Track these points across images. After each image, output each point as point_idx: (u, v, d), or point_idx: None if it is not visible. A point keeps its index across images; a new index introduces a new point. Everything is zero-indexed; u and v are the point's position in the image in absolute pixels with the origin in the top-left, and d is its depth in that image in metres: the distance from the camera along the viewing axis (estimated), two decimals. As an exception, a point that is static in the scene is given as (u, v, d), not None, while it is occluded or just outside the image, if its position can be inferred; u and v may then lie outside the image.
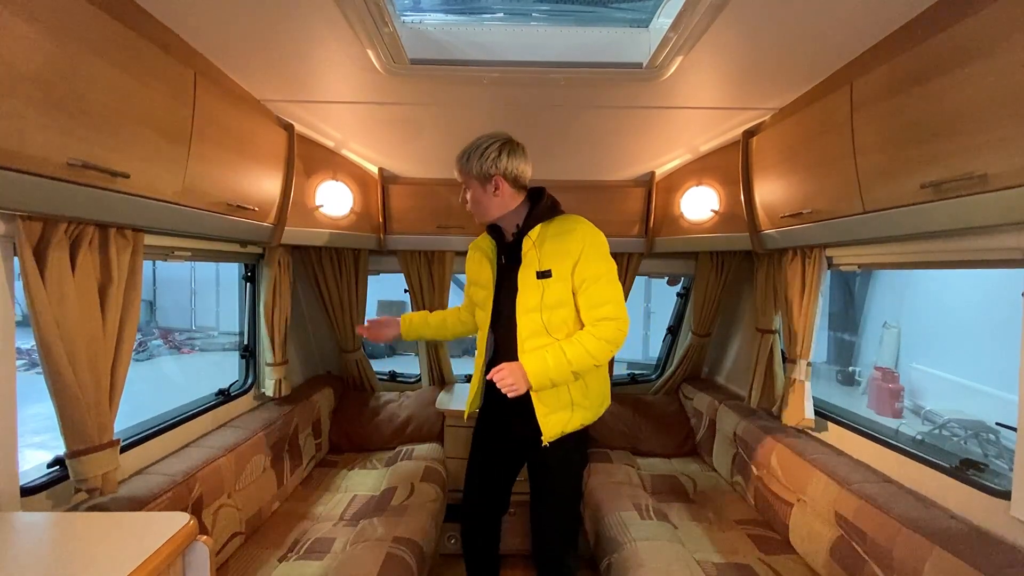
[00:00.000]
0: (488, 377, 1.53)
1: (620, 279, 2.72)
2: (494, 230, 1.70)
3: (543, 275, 1.52)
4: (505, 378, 1.48)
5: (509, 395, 1.49)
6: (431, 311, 2.02)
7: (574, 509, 1.74)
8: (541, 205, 1.61)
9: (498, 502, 1.84)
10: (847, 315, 8.20)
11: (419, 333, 1.91)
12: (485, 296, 1.67)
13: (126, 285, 1.41)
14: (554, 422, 1.55)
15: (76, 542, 1.04)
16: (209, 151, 1.58)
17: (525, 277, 1.55)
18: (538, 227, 1.57)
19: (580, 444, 1.69)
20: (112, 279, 1.36)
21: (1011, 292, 1.36)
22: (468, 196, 1.63)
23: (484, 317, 1.68)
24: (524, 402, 1.54)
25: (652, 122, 2.08)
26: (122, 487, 1.49)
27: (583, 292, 1.52)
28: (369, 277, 2.92)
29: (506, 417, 1.67)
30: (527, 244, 1.57)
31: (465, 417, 1.83)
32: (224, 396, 2.27)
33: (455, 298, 2.36)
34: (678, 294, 3.18)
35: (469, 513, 1.86)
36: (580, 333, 1.53)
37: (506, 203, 1.60)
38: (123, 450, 1.57)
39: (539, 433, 1.55)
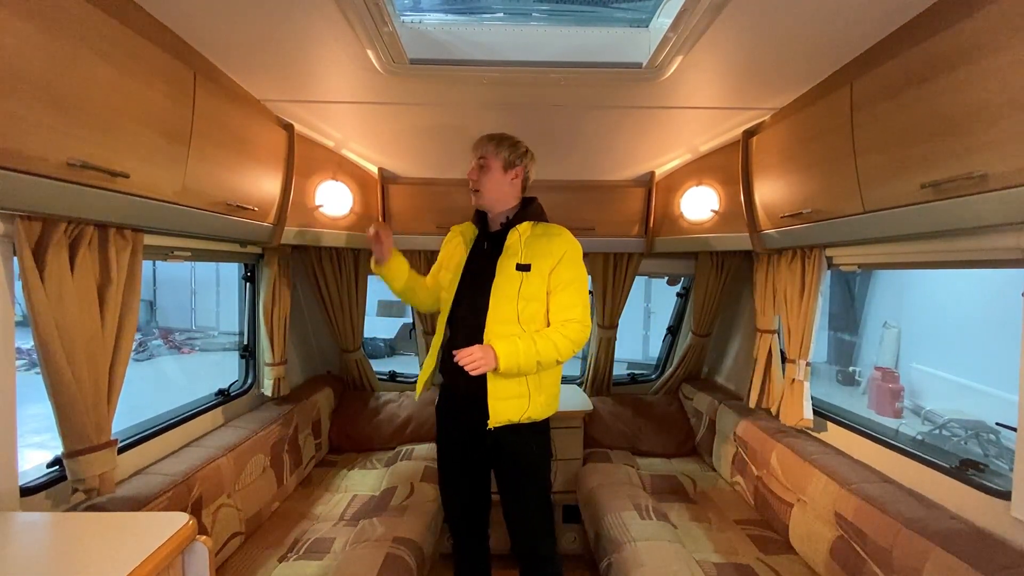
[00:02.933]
0: (455, 357, 1.53)
1: (620, 279, 2.82)
2: (480, 219, 1.77)
3: (522, 268, 1.61)
4: (475, 357, 1.50)
5: (472, 373, 1.51)
6: (430, 312, 2.03)
7: (540, 500, 1.74)
8: (534, 207, 1.75)
9: (480, 506, 1.84)
10: (847, 315, 8.19)
11: (399, 271, 1.84)
12: (452, 279, 1.73)
13: (125, 285, 1.40)
14: (502, 408, 1.59)
15: (76, 542, 1.04)
16: (209, 151, 1.58)
17: (505, 266, 1.63)
18: (527, 224, 1.68)
19: (536, 436, 1.70)
20: (111, 279, 1.36)
21: (1011, 292, 1.36)
22: (480, 174, 1.68)
23: (448, 299, 1.73)
24: (478, 392, 1.58)
25: (652, 122, 2.08)
26: (122, 487, 1.49)
27: (558, 293, 1.62)
28: (369, 277, 2.92)
29: (461, 410, 1.71)
30: (513, 236, 1.67)
31: (416, 396, 1.94)
32: (224, 396, 2.27)
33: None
34: (678, 294, 3.18)
35: (456, 528, 1.87)
36: (549, 329, 1.61)
37: (509, 195, 1.71)
38: (123, 450, 1.57)
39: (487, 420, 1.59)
